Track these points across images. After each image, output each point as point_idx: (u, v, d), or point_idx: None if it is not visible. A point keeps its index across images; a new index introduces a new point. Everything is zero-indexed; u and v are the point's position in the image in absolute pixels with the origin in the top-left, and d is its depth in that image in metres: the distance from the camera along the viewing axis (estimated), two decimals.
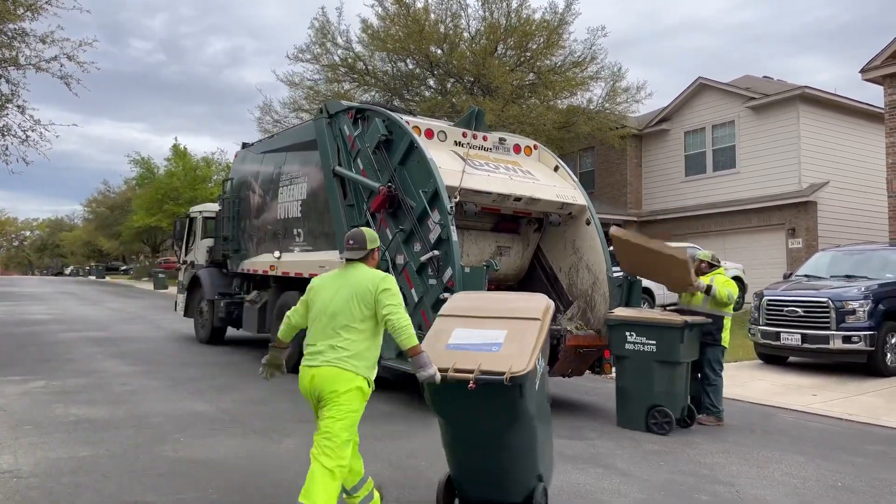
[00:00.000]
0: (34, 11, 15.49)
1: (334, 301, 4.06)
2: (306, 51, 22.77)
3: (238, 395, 8.37)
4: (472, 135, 8.94)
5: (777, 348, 11.20)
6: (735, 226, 21.86)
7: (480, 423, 4.23)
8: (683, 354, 6.93)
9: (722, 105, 22.50)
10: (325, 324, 4.04)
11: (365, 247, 4.22)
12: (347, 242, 4.24)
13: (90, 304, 25.60)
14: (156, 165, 45.70)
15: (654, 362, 6.91)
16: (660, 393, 6.94)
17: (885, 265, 11.63)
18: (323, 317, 4.06)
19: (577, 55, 22.34)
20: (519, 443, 4.23)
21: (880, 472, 5.82)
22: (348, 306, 4.02)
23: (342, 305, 4.03)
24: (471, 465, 4.40)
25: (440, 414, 4.36)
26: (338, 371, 3.92)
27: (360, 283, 4.07)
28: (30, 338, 14.01)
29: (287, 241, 10.74)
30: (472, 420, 4.26)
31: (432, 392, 4.20)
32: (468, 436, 4.34)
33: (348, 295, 4.04)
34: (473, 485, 4.41)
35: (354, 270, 4.18)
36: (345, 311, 4.02)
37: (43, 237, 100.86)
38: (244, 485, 4.98)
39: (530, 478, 4.32)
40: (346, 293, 4.05)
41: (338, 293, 4.08)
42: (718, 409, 7.52)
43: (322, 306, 4.09)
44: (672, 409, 6.91)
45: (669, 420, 6.86)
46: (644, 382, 6.98)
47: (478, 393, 4.00)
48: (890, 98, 15.46)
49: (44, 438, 6.08)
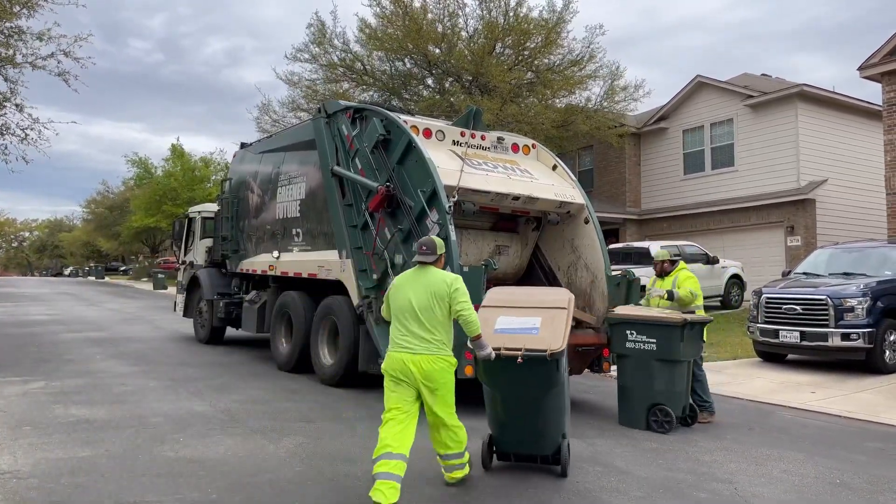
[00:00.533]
0: (30, 9, 15.48)
1: (417, 299, 4.91)
2: (304, 50, 22.78)
3: (237, 394, 8.37)
4: (471, 134, 8.95)
5: (776, 346, 11.20)
6: (734, 224, 21.87)
7: (523, 391, 5.31)
8: (684, 353, 6.94)
9: (720, 103, 22.51)
10: (413, 318, 4.90)
11: (435, 252, 5.09)
12: (421, 248, 5.12)
13: (89, 304, 25.59)
14: (153, 166, 45.66)
15: (655, 361, 6.91)
16: (661, 392, 6.94)
17: (884, 262, 11.64)
18: (408, 312, 4.92)
19: (575, 54, 22.34)
20: (552, 406, 5.34)
21: (879, 470, 5.83)
22: (430, 304, 4.89)
23: (426, 303, 4.89)
24: (512, 425, 5.46)
25: (490, 384, 5.41)
26: (432, 357, 4.84)
27: (436, 283, 4.94)
28: (29, 339, 14.01)
29: (286, 241, 10.75)
30: (516, 388, 5.32)
31: (485, 366, 5.25)
32: (512, 401, 5.39)
33: (429, 294, 4.91)
34: (512, 441, 5.52)
35: (428, 272, 5.04)
36: (428, 307, 4.88)
37: (42, 238, 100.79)
38: (243, 484, 4.98)
39: (558, 435, 5.41)
40: (426, 292, 4.92)
41: (419, 292, 4.93)
42: (708, 402, 7.55)
43: (406, 303, 4.94)
44: (673, 408, 6.92)
45: (670, 419, 6.87)
46: (645, 381, 6.99)
47: (523, 366, 5.12)
48: (888, 95, 15.48)
49: (43, 439, 6.08)
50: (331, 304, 9.19)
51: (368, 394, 8.51)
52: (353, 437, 6.43)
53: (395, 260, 8.00)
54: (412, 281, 5.04)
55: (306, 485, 5.02)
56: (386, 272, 8.13)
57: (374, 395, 8.47)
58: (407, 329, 4.90)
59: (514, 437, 5.50)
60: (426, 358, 4.82)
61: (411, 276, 5.09)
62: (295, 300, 10.13)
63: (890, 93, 15.44)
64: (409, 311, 4.91)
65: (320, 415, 7.34)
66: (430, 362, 4.82)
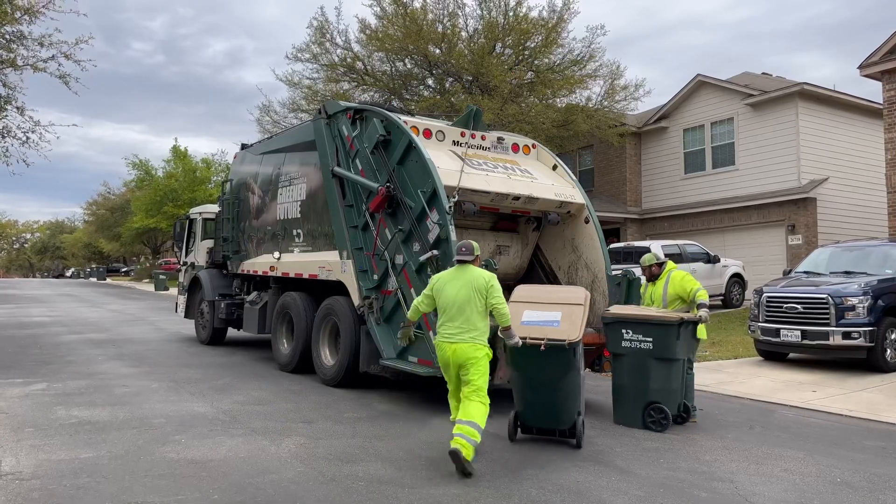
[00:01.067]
0: (31, 15, 15.51)
1: (460, 294, 5.67)
2: (305, 50, 22.79)
3: (239, 395, 8.39)
4: (471, 134, 8.96)
5: (777, 345, 11.20)
6: (735, 223, 21.86)
7: (545, 373, 6.23)
8: (679, 351, 6.94)
9: (721, 102, 22.50)
10: (457, 311, 5.65)
11: (473, 253, 5.90)
12: (460, 250, 5.92)
13: (91, 306, 25.63)
14: (153, 168, 45.71)
15: (651, 359, 6.92)
16: (657, 390, 6.95)
17: (885, 261, 11.63)
18: (454, 306, 5.67)
19: (575, 53, 22.34)
20: (569, 387, 6.25)
21: (880, 468, 5.83)
22: (472, 297, 5.64)
23: (468, 298, 5.64)
24: (535, 403, 6.37)
25: (516, 367, 6.36)
26: (473, 345, 5.60)
27: (476, 281, 5.69)
28: (31, 340, 14.03)
29: (286, 242, 10.76)
30: (539, 371, 6.25)
31: (513, 353, 6.18)
32: (535, 383, 6.31)
33: (471, 290, 5.66)
34: (535, 417, 6.44)
35: (468, 270, 5.80)
36: (470, 302, 5.63)
37: (43, 239, 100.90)
38: (245, 485, 5.00)
39: (574, 412, 6.30)
40: (468, 289, 5.67)
41: (462, 288, 5.68)
42: (691, 404, 7.47)
43: (451, 299, 5.69)
44: (669, 406, 6.92)
45: (666, 417, 6.87)
46: (640, 380, 6.99)
47: (546, 353, 6.08)
48: (888, 94, 15.47)
49: (45, 440, 6.10)
50: (332, 305, 9.21)
51: (369, 394, 8.52)
52: (355, 437, 6.44)
53: (396, 260, 8.01)
54: (455, 278, 5.79)
55: (308, 485, 5.03)
56: (386, 273, 8.15)
57: (375, 395, 8.49)
58: (451, 321, 5.67)
59: (537, 413, 6.40)
60: (464, 346, 5.60)
61: (454, 274, 5.85)
62: (296, 301, 10.15)
63: (890, 91, 15.43)
64: (454, 305, 5.66)
65: (321, 415, 7.35)
66: (466, 350, 5.60)
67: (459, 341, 5.61)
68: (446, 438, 6.39)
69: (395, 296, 7.98)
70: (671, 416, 6.94)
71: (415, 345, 7.59)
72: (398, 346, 7.87)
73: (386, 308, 8.15)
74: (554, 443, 6.40)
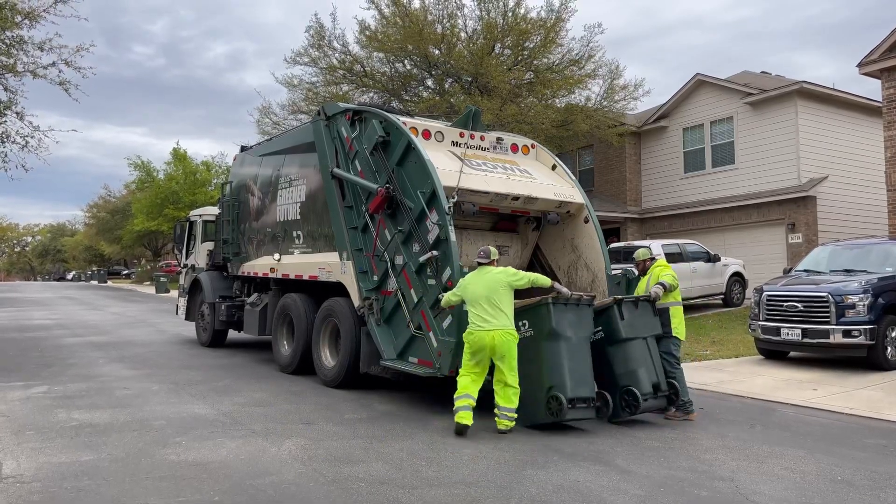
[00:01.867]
0: (32, 19, 15.51)
1: (486, 290, 6.66)
2: (304, 54, 22.78)
3: (240, 397, 8.39)
4: (470, 135, 8.96)
5: (777, 343, 11.20)
6: (735, 221, 21.86)
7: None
8: (626, 331, 7.12)
9: (720, 101, 22.50)
10: (486, 303, 6.62)
11: (489, 258, 6.99)
12: (480, 254, 7.05)
13: (92, 308, 25.64)
14: (155, 169, 45.74)
15: (607, 347, 7.15)
16: (621, 374, 7.07)
17: (885, 259, 11.62)
18: (483, 301, 6.63)
19: (574, 53, 22.33)
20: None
21: (880, 466, 5.83)
22: (497, 293, 6.67)
23: (489, 291, 6.65)
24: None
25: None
26: (509, 332, 6.62)
27: (496, 278, 6.77)
28: (32, 343, 14.05)
29: (286, 244, 10.77)
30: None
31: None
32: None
33: (493, 286, 6.69)
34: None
35: (487, 271, 6.85)
36: (495, 295, 6.65)
37: (44, 242, 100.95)
38: (246, 486, 5.00)
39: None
40: (491, 285, 6.69)
41: (486, 286, 6.69)
42: (683, 400, 7.54)
43: (477, 295, 6.66)
44: (639, 388, 7.01)
45: (636, 400, 6.95)
46: (604, 367, 7.14)
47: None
48: (887, 92, 15.46)
49: (46, 443, 6.11)
50: (332, 306, 9.21)
51: (370, 395, 8.52)
52: (355, 438, 6.44)
53: (396, 261, 8.02)
54: (477, 278, 6.78)
55: (308, 486, 5.04)
56: (386, 273, 8.15)
57: (376, 396, 8.49)
58: (481, 313, 6.60)
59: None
60: (497, 333, 6.54)
61: (476, 275, 6.84)
62: (296, 302, 10.15)
63: (889, 89, 15.42)
64: (481, 299, 6.62)
65: (322, 416, 7.35)
66: (500, 336, 6.53)
67: (495, 328, 6.54)
68: (448, 439, 6.44)
69: (395, 296, 7.98)
70: (641, 398, 6.97)
71: (415, 345, 7.60)
72: (398, 347, 7.88)
73: (386, 309, 8.16)
74: (554, 442, 6.40)
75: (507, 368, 6.62)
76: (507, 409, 6.65)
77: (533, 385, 6.79)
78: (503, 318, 6.62)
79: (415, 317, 7.63)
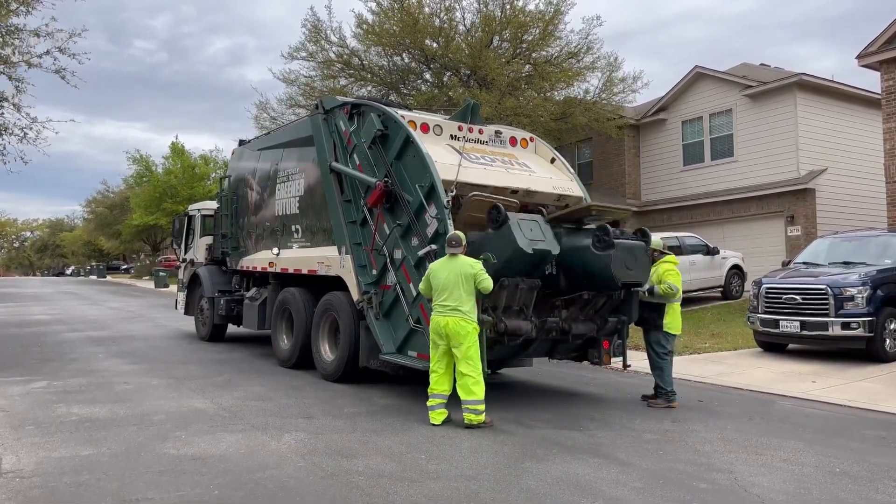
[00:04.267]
0: (27, 5, 15.39)
1: (450, 279, 6.64)
2: (301, 49, 22.71)
3: (239, 391, 8.40)
4: (468, 128, 8.93)
5: (776, 336, 11.22)
6: (734, 214, 21.85)
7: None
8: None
9: (719, 93, 22.45)
10: (449, 293, 6.62)
11: (461, 244, 6.80)
12: (450, 243, 6.80)
13: (91, 303, 25.64)
14: (154, 163, 45.66)
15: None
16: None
17: (884, 251, 11.64)
18: (447, 289, 6.64)
19: (573, 46, 22.27)
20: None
21: (879, 458, 5.85)
22: (459, 281, 6.61)
23: (456, 281, 6.62)
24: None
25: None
26: (463, 319, 6.59)
27: (463, 267, 6.67)
28: (32, 338, 14.04)
29: (285, 238, 10.75)
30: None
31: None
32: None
33: (459, 275, 6.64)
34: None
35: (457, 259, 6.73)
36: (457, 284, 6.61)
37: (43, 238, 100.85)
38: (245, 481, 5.01)
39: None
40: (457, 274, 6.64)
41: (451, 273, 6.66)
42: (666, 390, 7.74)
43: (443, 282, 6.66)
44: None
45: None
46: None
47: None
48: (886, 84, 15.44)
49: (46, 438, 6.11)
50: (331, 300, 9.21)
51: (369, 389, 8.53)
52: (354, 432, 6.45)
53: (395, 255, 8.01)
54: (446, 265, 6.74)
55: (308, 480, 5.04)
56: (385, 267, 8.14)
57: (375, 390, 8.50)
58: (443, 300, 6.65)
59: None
60: (453, 320, 6.58)
61: (445, 262, 6.77)
62: (295, 297, 10.15)
63: (888, 81, 15.40)
64: (444, 288, 6.64)
65: (321, 410, 7.36)
66: (454, 322, 6.57)
67: (450, 315, 6.58)
68: (447, 433, 6.44)
69: (393, 290, 7.98)
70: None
71: (414, 339, 7.60)
72: (398, 341, 7.88)
73: (385, 303, 8.15)
74: (554, 435, 6.41)
75: (463, 357, 6.57)
76: (470, 402, 6.56)
77: None
78: (462, 306, 6.59)
79: (414, 311, 7.63)
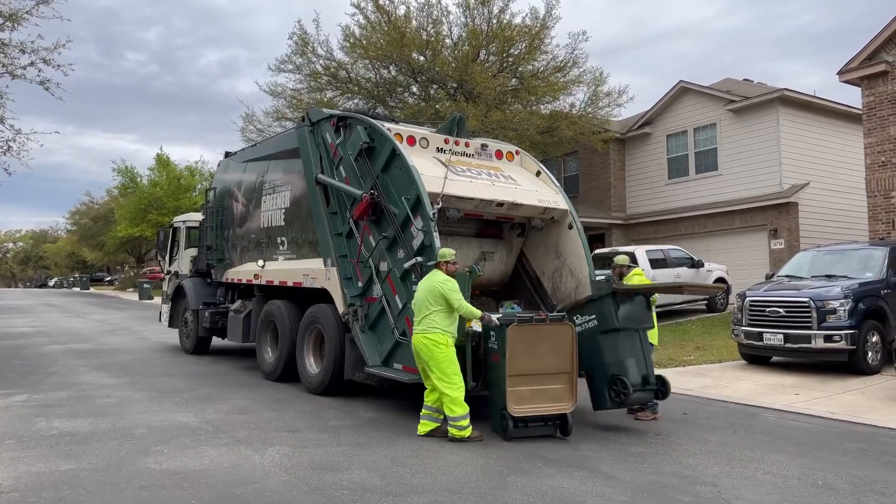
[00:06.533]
0: (14, 21, 15.34)
1: (420, 296, 6.80)
2: (288, 61, 22.72)
3: (223, 405, 8.33)
4: (454, 141, 8.97)
5: (760, 348, 11.28)
6: (718, 227, 22.03)
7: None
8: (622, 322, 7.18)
9: (703, 108, 22.69)
10: (419, 310, 6.77)
11: (441, 259, 6.89)
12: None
13: (74, 315, 25.37)
14: (139, 174, 45.39)
15: (599, 335, 7.18)
16: (611, 363, 7.10)
17: (866, 264, 11.75)
18: (417, 306, 6.81)
19: (559, 60, 22.44)
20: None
21: (861, 470, 5.88)
22: (426, 297, 6.71)
23: (423, 297, 6.74)
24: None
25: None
26: (424, 335, 6.65)
27: (435, 285, 6.71)
28: (13, 351, 13.87)
29: (271, 250, 10.72)
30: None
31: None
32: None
33: (425, 290, 6.75)
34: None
35: (434, 275, 6.81)
36: (424, 300, 6.72)
37: (26, 249, 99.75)
38: (228, 495, 4.96)
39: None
40: (426, 289, 6.75)
41: (422, 290, 6.79)
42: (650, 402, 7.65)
43: (416, 301, 6.84)
44: (629, 377, 7.02)
45: (626, 389, 6.93)
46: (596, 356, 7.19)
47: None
48: (867, 99, 15.66)
49: (25, 452, 6.03)
50: (316, 313, 9.17)
51: (354, 402, 8.49)
52: (339, 445, 6.41)
53: (380, 267, 8.00)
54: (423, 282, 6.88)
55: (291, 494, 5.00)
56: (371, 280, 8.14)
57: (360, 403, 8.46)
58: (417, 320, 6.77)
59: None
60: (417, 336, 6.71)
61: (425, 279, 6.90)
62: (280, 309, 10.10)
63: (869, 96, 15.62)
64: (417, 307, 6.81)
65: (305, 424, 7.31)
66: (418, 339, 6.69)
67: (418, 334, 6.70)
68: (432, 446, 6.42)
69: (379, 303, 7.97)
70: (632, 387, 6.97)
71: (399, 352, 7.59)
72: (383, 354, 7.86)
73: (371, 315, 8.13)
74: (539, 449, 6.40)
75: (434, 374, 6.63)
76: (451, 419, 6.56)
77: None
78: (425, 323, 6.65)
79: (399, 323, 7.62)
